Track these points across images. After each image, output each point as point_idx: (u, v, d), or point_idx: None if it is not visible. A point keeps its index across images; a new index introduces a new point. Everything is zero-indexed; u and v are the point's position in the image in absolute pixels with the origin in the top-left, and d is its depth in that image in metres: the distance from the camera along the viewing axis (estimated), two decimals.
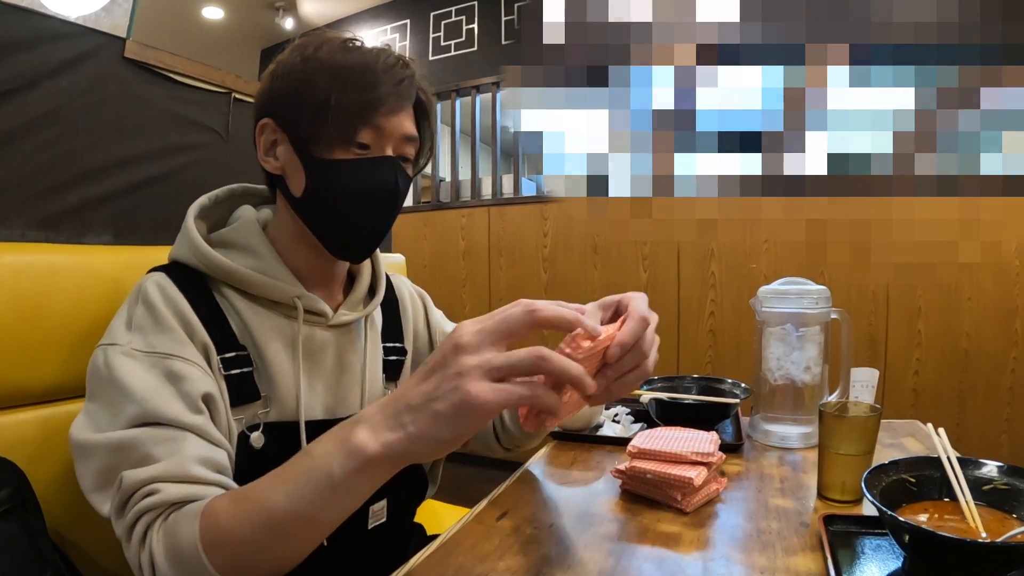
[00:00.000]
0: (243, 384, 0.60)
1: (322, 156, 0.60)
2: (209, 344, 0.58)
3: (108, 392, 0.53)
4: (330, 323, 0.66)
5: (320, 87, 0.59)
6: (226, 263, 0.61)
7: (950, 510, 0.55)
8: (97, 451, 0.51)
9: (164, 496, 0.48)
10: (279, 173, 0.64)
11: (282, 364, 0.62)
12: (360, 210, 0.62)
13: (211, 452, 0.52)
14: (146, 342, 0.55)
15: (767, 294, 0.88)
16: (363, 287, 0.72)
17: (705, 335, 2.28)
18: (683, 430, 0.76)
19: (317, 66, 0.60)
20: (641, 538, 0.59)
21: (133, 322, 0.57)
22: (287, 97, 0.61)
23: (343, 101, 0.58)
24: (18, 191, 0.72)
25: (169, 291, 0.59)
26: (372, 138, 0.61)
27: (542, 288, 2.60)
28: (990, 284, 1.86)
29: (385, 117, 0.60)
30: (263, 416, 0.61)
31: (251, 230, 0.65)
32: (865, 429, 0.67)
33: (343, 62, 0.60)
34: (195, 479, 0.49)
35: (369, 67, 0.60)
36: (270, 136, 0.63)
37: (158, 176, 0.87)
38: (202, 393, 0.54)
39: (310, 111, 0.59)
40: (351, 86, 0.58)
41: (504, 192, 2.92)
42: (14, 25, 0.70)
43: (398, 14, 4.29)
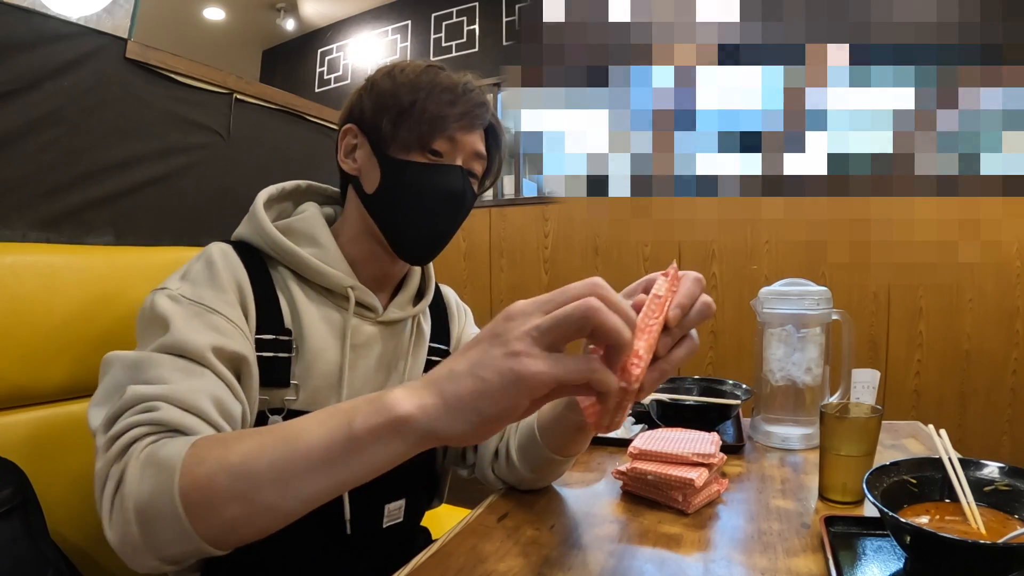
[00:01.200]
0: (275, 368, 0.60)
1: (398, 156, 0.64)
2: (253, 319, 0.59)
3: (151, 324, 0.53)
4: (379, 319, 0.68)
5: (405, 96, 0.63)
6: (288, 244, 0.64)
7: (951, 511, 0.55)
8: (115, 363, 0.49)
9: (162, 415, 0.44)
10: (355, 173, 0.67)
11: (325, 352, 0.63)
12: (427, 211, 0.65)
13: (226, 396, 0.50)
14: (195, 292, 0.56)
15: (768, 295, 0.88)
16: (412, 288, 0.74)
17: (706, 336, 2.27)
18: (684, 431, 0.76)
19: (404, 80, 0.65)
20: (642, 539, 0.59)
21: (189, 275, 0.58)
22: (373, 106, 0.65)
23: (424, 108, 0.63)
24: (19, 191, 0.72)
25: (232, 259, 0.61)
26: (446, 147, 0.64)
27: (542, 289, 2.60)
28: (991, 285, 1.86)
29: (460, 131, 0.64)
30: (289, 403, 0.61)
31: (316, 222, 0.68)
32: (866, 430, 0.67)
33: (430, 79, 0.65)
34: (200, 412, 0.46)
35: (452, 85, 0.65)
36: (351, 140, 0.67)
37: (159, 177, 0.87)
38: (237, 352, 0.54)
39: (393, 116, 0.63)
40: (434, 97, 0.63)
41: (505, 193, 2.93)
42: (16, 25, 0.70)
43: (399, 15, 4.29)
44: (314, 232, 0.67)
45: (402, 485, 0.70)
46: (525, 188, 2.89)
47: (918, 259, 1.06)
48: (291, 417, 0.57)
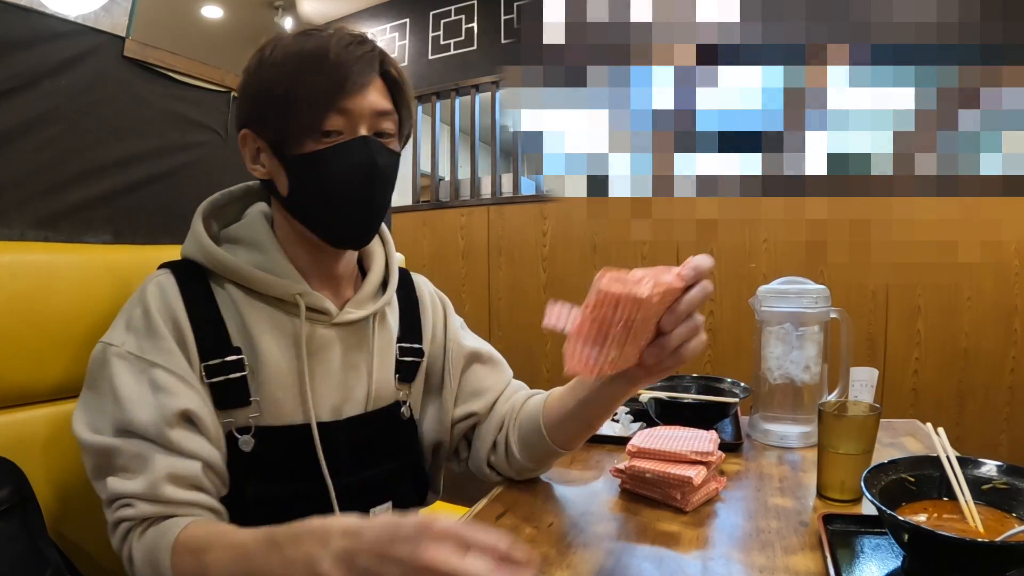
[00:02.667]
0: (230, 390, 0.60)
1: (295, 152, 0.60)
2: (194, 351, 0.59)
3: (101, 389, 0.57)
4: (334, 321, 0.65)
5: (278, 84, 0.59)
6: (229, 259, 0.62)
7: (949, 509, 0.55)
8: (90, 450, 0.56)
9: (137, 512, 0.53)
10: (267, 178, 0.64)
11: (280, 364, 0.62)
12: (344, 197, 0.61)
13: (182, 468, 0.55)
14: (138, 345, 0.57)
15: (766, 294, 0.88)
16: (372, 284, 0.71)
17: (704, 334, 2.27)
18: (682, 429, 0.76)
19: (272, 65, 0.60)
20: (640, 537, 0.59)
21: (131, 323, 0.59)
22: (253, 102, 0.61)
23: (302, 92, 0.58)
24: (18, 190, 0.72)
25: (168, 294, 0.60)
26: (342, 123, 0.60)
27: (541, 287, 2.60)
28: (989, 284, 1.87)
29: (350, 98, 0.59)
30: (253, 420, 0.60)
31: (258, 226, 0.66)
32: (864, 428, 0.67)
33: (297, 53, 0.59)
34: (165, 499, 0.54)
35: (323, 52, 0.58)
36: (252, 145, 0.64)
37: (158, 175, 0.86)
38: (180, 409, 0.56)
39: (274, 110, 0.59)
40: (307, 75, 0.58)
41: (503, 191, 2.92)
42: (13, 24, 0.70)
43: (398, 13, 4.28)
44: (256, 237, 0.65)
45: (387, 488, 0.69)
46: (523, 187, 2.89)
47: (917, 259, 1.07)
48: (260, 436, 0.60)
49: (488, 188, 2.96)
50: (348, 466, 0.65)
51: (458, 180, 3.02)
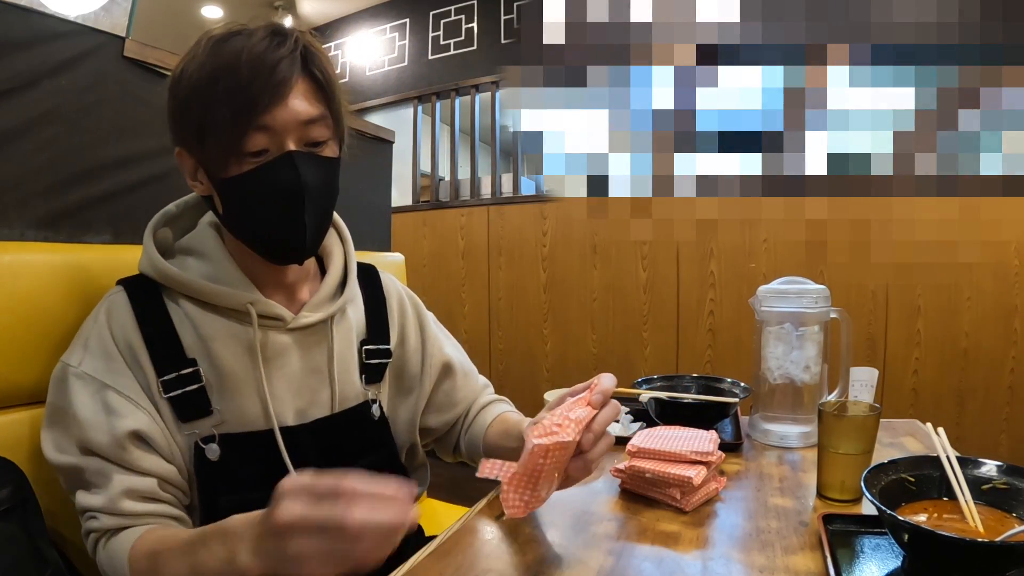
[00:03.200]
0: (189, 402, 0.60)
1: (221, 176, 0.58)
2: (149, 368, 0.60)
3: (63, 409, 0.58)
4: (289, 326, 0.64)
5: (193, 106, 0.56)
6: (177, 274, 0.62)
7: (949, 509, 0.55)
8: (60, 469, 0.59)
9: (100, 524, 0.57)
10: (207, 194, 0.62)
11: (240, 373, 0.62)
12: (273, 218, 0.59)
13: (137, 484, 0.57)
14: (93, 366, 0.59)
15: (766, 293, 0.88)
16: (330, 285, 0.70)
17: (704, 334, 2.28)
18: (682, 429, 0.76)
19: (187, 83, 0.56)
20: (640, 537, 0.59)
21: (89, 344, 0.60)
22: (176, 123, 0.60)
23: (215, 118, 0.54)
24: (17, 190, 0.72)
25: (120, 314, 0.61)
26: (265, 140, 0.56)
27: (541, 287, 2.60)
28: (989, 284, 1.87)
29: (268, 113, 0.55)
30: (218, 428, 0.61)
31: (207, 237, 0.65)
32: (864, 428, 0.67)
33: (210, 68, 0.55)
34: (123, 512, 0.57)
35: (234, 64, 0.54)
36: (187, 162, 0.62)
37: (157, 175, 0.86)
38: (129, 430, 0.57)
39: (194, 134, 0.57)
40: (218, 97, 0.54)
41: (503, 191, 2.92)
42: (13, 24, 0.70)
43: (397, 13, 4.28)
44: (205, 247, 0.64)
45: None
46: (523, 187, 2.89)
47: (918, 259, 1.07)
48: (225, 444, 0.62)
49: (488, 188, 2.96)
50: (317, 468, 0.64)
51: (458, 180, 3.02)
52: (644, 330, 2.38)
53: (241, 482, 0.61)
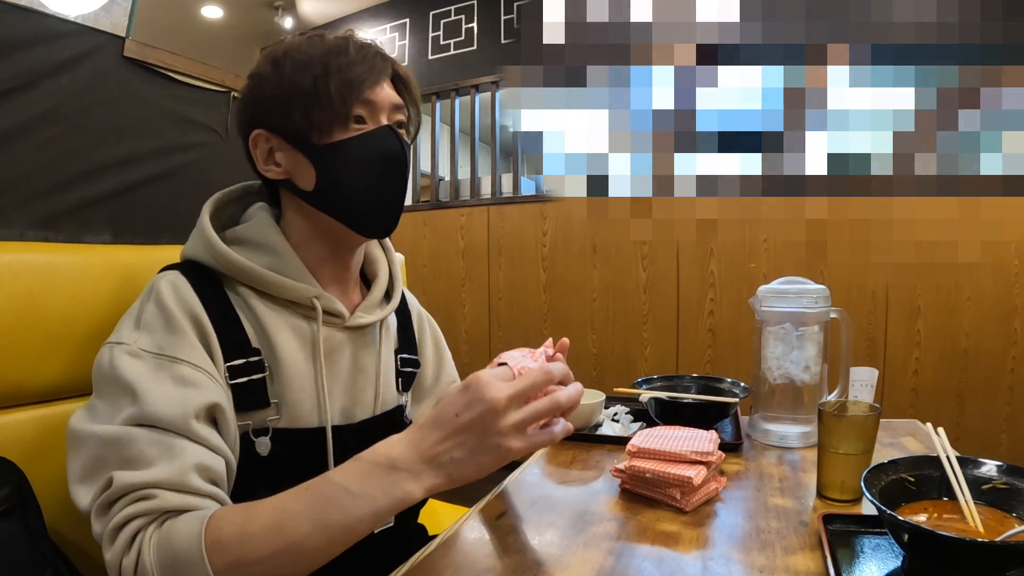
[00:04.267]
0: (251, 391, 0.59)
1: (324, 142, 0.61)
2: (217, 350, 0.57)
3: (111, 390, 0.52)
4: (347, 324, 0.66)
5: (303, 79, 0.60)
6: (243, 261, 0.61)
7: (949, 509, 0.55)
8: (88, 441, 0.50)
9: (160, 503, 0.47)
10: (285, 177, 0.64)
11: (299, 366, 0.61)
12: (376, 181, 0.63)
13: (209, 460, 0.51)
14: (154, 342, 0.54)
15: (766, 293, 0.88)
16: (380, 290, 0.72)
17: (704, 334, 2.28)
18: (682, 429, 0.76)
19: (292, 63, 0.61)
20: (640, 537, 0.59)
21: (142, 320, 0.56)
22: (273, 101, 0.62)
23: (329, 84, 0.60)
24: (17, 190, 0.72)
25: (183, 291, 0.58)
26: (365, 111, 0.63)
27: (541, 287, 2.60)
28: (989, 283, 1.87)
29: (371, 89, 0.62)
30: (272, 423, 0.60)
31: (267, 227, 0.65)
32: (864, 428, 0.67)
33: (317, 52, 0.61)
34: (193, 489, 0.48)
35: (343, 49, 0.62)
36: (265, 146, 0.64)
37: (157, 175, 0.86)
38: (209, 403, 0.53)
39: (300, 104, 0.60)
40: (332, 69, 0.60)
41: (503, 191, 2.92)
42: (14, 24, 0.70)
43: (397, 13, 4.28)
44: (267, 239, 0.64)
45: None
46: (523, 187, 2.89)
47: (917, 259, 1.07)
48: (277, 438, 0.59)
49: (488, 188, 2.96)
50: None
51: (458, 180, 3.02)
52: (644, 330, 2.38)
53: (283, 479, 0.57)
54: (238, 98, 0.67)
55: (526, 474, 0.77)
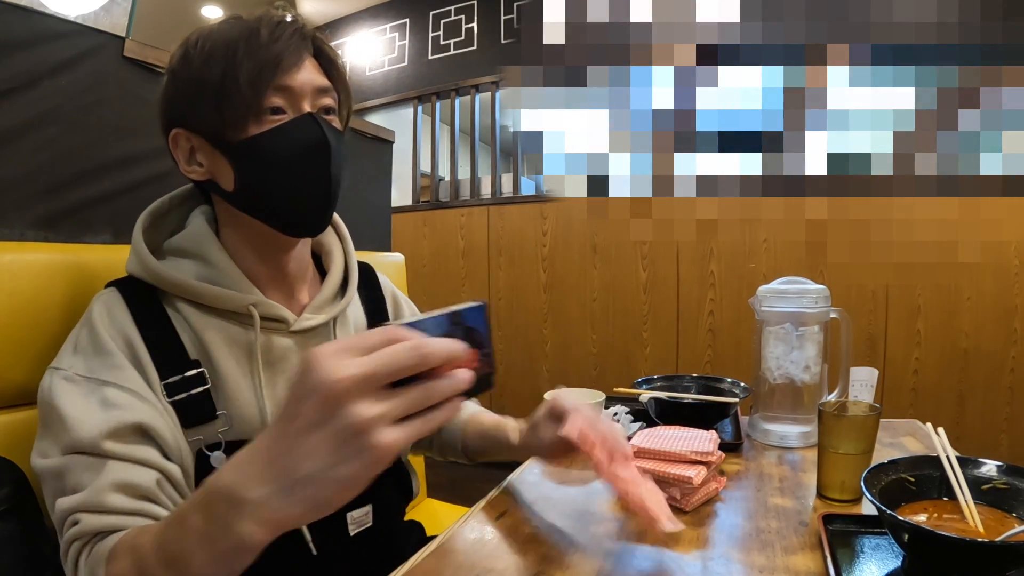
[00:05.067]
0: (194, 406, 0.57)
1: (239, 137, 0.57)
2: (151, 370, 0.56)
3: (50, 417, 0.53)
4: (292, 329, 0.62)
5: (211, 70, 0.56)
6: (174, 275, 0.58)
7: (949, 509, 0.55)
8: (44, 477, 0.52)
9: (84, 527, 0.48)
10: (207, 178, 0.60)
11: (238, 378, 0.59)
12: (297, 175, 0.58)
13: (132, 476, 0.50)
14: (87, 366, 0.54)
15: (766, 293, 0.88)
16: (332, 286, 0.68)
17: (704, 334, 2.28)
18: (682, 429, 0.76)
19: (201, 53, 0.57)
20: (640, 537, 0.59)
21: (79, 346, 0.56)
22: (185, 96, 0.58)
23: (238, 73, 0.55)
24: (17, 190, 0.72)
25: (116, 312, 0.57)
26: (283, 100, 0.57)
27: (541, 287, 2.60)
28: (989, 284, 1.87)
29: (288, 74, 0.57)
30: (224, 434, 0.58)
31: (202, 235, 0.62)
32: (864, 428, 0.67)
33: (226, 39, 0.56)
34: (110, 509, 0.49)
35: (253, 31, 0.56)
36: (185, 145, 0.60)
37: (157, 175, 0.86)
38: (134, 423, 0.52)
39: (211, 97, 0.56)
40: (241, 56, 0.55)
41: (503, 191, 2.92)
42: (13, 24, 0.70)
43: (397, 13, 4.28)
44: (201, 248, 0.61)
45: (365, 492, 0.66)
46: (523, 187, 2.89)
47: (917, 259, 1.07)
48: (230, 451, 0.56)
49: (488, 188, 2.96)
50: None
51: (458, 180, 3.02)
52: (644, 330, 2.38)
53: None
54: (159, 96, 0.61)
55: (526, 474, 0.77)
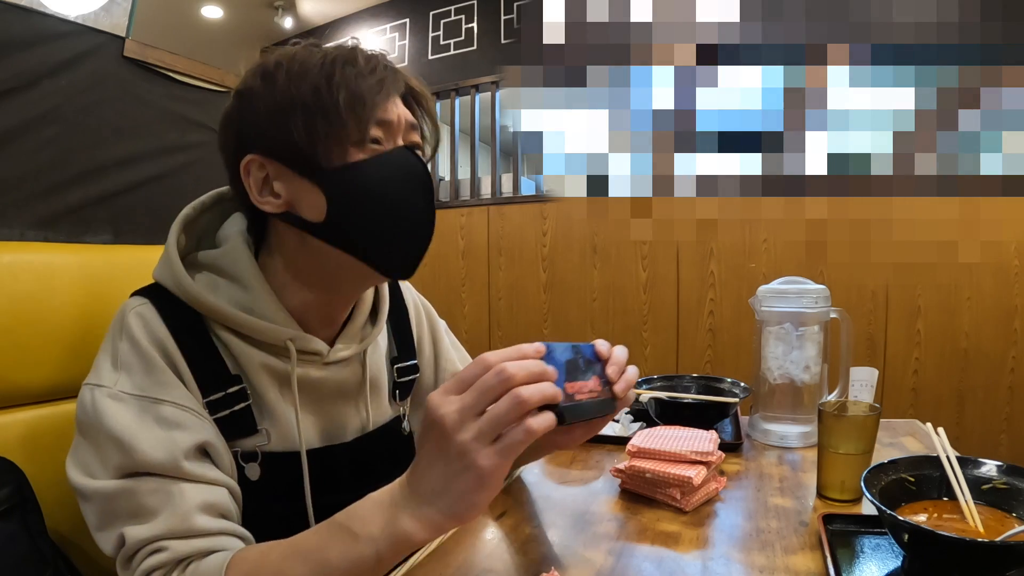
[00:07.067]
0: (236, 421, 0.56)
1: (336, 163, 0.53)
2: (194, 387, 0.54)
3: (96, 436, 0.50)
4: (326, 361, 0.61)
5: (304, 93, 0.52)
6: (210, 303, 0.55)
7: (949, 509, 0.55)
8: (93, 497, 0.50)
9: (171, 555, 0.47)
10: (286, 209, 0.55)
11: (276, 400, 0.58)
12: (402, 209, 0.55)
13: (211, 496, 0.50)
14: (134, 383, 0.51)
15: (766, 293, 0.88)
16: (362, 316, 0.65)
17: (704, 334, 2.28)
18: (682, 429, 0.76)
19: (289, 76, 0.53)
20: (640, 537, 0.59)
21: (119, 360, 0.53)
22: (267, 121, 0.54)
23: (336, 94, 0.52)
24: (17, 190, 0.72)
25: (153, 325, 0.54)
26: (382, 132, 0.55)
27: (541, 287, 2.60)
28: (989, 284, 1.87)
29: (386, 107, 0.54)
30: (263, 447, 0.57)
31: (240, 257, 0.58)
32: (864, 428, 0.67)
33: (318, 62, 0.53)
34: (200, 532, 0.48)
35: (349, 59, 0.53)
36: (259, 174, 0.55)
37: (157, 175, 0.87)
38: (197, 443, 0.51)
39: (303, 122, 0.52)
40: (337, 79, 0.52)
41: (503, 191, 2.92)
42: (13, 24, 0.70)
43: (397, 13, 4.28)
44: (239, 272, 0.57)
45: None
46: (523, 187, 2.89)
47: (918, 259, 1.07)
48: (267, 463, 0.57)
49: (488, 188, 2.96)
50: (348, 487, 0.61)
51: (458, 180, 3.02)
52: (644, 330, 2.38)
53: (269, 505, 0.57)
54: (223, 120, 0.58)
55: (526, 474, 0.77)
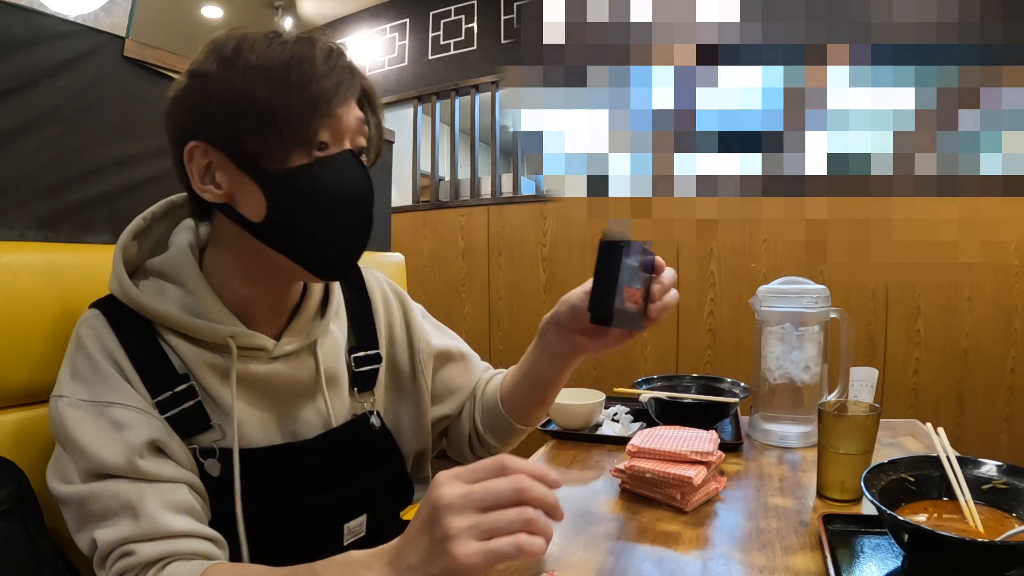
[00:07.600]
0: (188, 418, 0.56)
1: (278, 168, 0.53)
2: (143, 391, 0.55)
3: (65, 444, 0.53)
4: (272, 355, 0.60)
5: (257, 91, 0.51)
6: (153, 306, 0.56)
7: (949, 509, 0.55)
8: (68, 501, 0.53)
9: (139, 558, 0.49)
10: (224, 200, 0.55)
11: (224, 396, 0.58)
12: (340, 217, 0.55)
13: (171, 494, 0.52)
14: (89, 391, 0.54)
15: (766, 293, 0.88)
16: (310, 309, 0.65)
17: (704, 334, 2.28)
18: (682, 429, 0.76)
19: (246, 68, 0.51)
20: (640, 537, 0.59)
21: (76, 370, 0.55)
22: (218, 111, 0.53)
23: (289, 100, 0.51)
24: (17, 190, 0.72)
25: (103, 335, 0.56)
26: (329, 134, 0.54)
27: (541, 287, 2.60)
28: (989, 284, 1.87)
29: (339, 108, 0.54)
30: (218, 443, 0.57)
31: (183, 261, 0.59)
32: (864, 428, 0.67)
33: (276, 57, 0.52)
34: (166, 533, 0.50)
35: (307, 58, 0.52)
36: (202, 160, 0.55)
37: (157, 175, 0.86)
38: (147, 440, 0.52)
39: (252, 121, 0.51)
40: (294, 82, 0.51)
41: (503, 191, 2.92)
42: (13, 24, 0.70)
43: (397, 13, 4.28)
44: (180, 274, 0.58)
45: (362, 502, 0.65)
46: (523, 187, 2.89)
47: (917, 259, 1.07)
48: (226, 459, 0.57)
49: (488, 188, 2.96)
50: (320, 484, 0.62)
51: (458, 180, 3.02)
52: None
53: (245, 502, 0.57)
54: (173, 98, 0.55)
55: None
